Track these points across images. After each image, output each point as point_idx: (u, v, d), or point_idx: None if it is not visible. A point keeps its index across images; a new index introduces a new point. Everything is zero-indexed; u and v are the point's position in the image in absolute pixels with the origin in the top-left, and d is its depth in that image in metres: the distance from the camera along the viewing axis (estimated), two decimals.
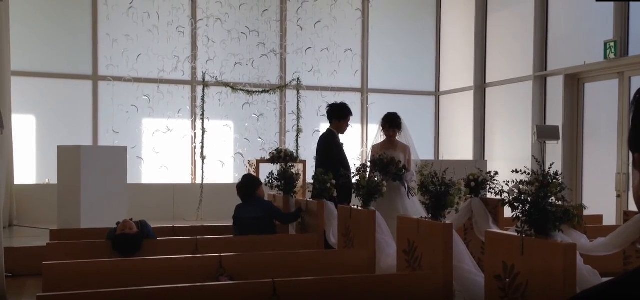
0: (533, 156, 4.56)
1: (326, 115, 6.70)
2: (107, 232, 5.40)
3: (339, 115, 6.54)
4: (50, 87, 9.83)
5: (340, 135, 6.62)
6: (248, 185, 6.11)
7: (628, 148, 1.04)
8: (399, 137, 6.44)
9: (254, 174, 8.08)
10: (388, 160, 6.03)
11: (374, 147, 6.48)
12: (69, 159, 7.50)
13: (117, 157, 7.73)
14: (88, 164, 7.37)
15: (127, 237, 5.10)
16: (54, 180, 8.47)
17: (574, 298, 0.95)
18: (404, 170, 6.11)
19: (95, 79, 10.04)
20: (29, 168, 9.76)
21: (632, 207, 6.91)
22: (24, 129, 9.69)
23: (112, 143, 9.80)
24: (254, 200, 6.02)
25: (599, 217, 6.95)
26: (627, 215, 4.90)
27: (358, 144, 11.32)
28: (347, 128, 6.67)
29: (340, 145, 6.59)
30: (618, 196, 8.02)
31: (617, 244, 4.33)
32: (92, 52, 10.01)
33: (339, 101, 6.87)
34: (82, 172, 7.30)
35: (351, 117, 6.70)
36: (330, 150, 6.47)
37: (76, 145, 7.78)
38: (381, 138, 6.47)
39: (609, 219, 7.45)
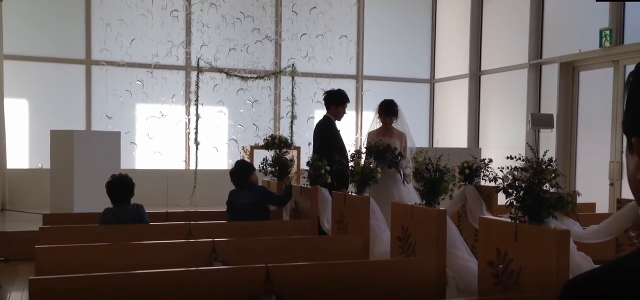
0: (527, 144, 4.56)
1: (323, 101, 6.69)
2: (100, 217, 5.39)
3: (336, 101, 6.53)
4: (43, 71, 9.75)
5: (337, 122, 6.62)
6: (241, 171, 6.09)
7: (622, 131, 1.02)
8: (395, 124, 6.42)
9: (247, 160, 8.04)
10: (384, 147, 6.03)
11: (370, 134, 6.47)
12: (62, 143, 7.46)
13: (111, 142, 7.70)
14: (81, 148, 7.34)
15: (123, 177, 5.17)
16: (46, 164, 8.42)
17: (567, 283, 0.95)
18: (399, 157, 6.10)
19: (88, 63, 9.97)
20: (21, 152, 9.71)
21: (625, 195, 6.95)
22: (17, 113, 9.62)
23: (106, 128, 9.75)
24: (248, 186, 6.00)
25: (592, 205, 6.97)
26: (620, 203, 4.91)
27: (353, 131, 11.31)
28: (344, 115, 6.67)
29: (337, 132, 6.59)
30: (611, 184, 8.04)
31: (610, 231, 4.35)
32: (85, 37, 9.93)
33: (335, 88, 6.86)
34: (75, 156, 7.27)
35: (348, 104, 6.71)
36: (327, 136, 6.46)
37: (69, 130, 7.74)
38: (377, 125, 6.46)
39: (602, 207, 7.48)
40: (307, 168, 6.21)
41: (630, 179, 1.02)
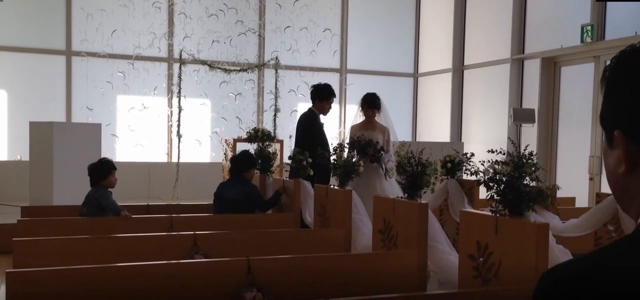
0: (509, 138, 4.59)
1: (310, 95, 6.66)
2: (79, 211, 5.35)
3: (322, 96, 6.50)
4: (23, 62, 9.61)
5: (321, 116, 6.59)
6: (240, 161, 6.00)
7: (601, 126, 1.01)
8: (378, 118, 6.42)
9: (253, 155, 7.66)
10: (366, 142, 6.02)
11: (353, 128, 6.46)
12: (41, 135, 7.36)
13: (91, 134, 7.62)
14: (61, 140, 7.25)
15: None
16: (25, 156, 8.31)
17: (546, 273, 0.94)
18: (382, 152, 6.10)
19: (68, 54, 9.84)
20: (0, 144, 9.56)
21: (604, 189, 7.02)
22: None
23: (86, 120, 9.64)
24: (239, 180, 5.92)
25: (572, 199, 7.05)
26: (599, 197, 4.97)
27: (336, 124, 11.30)
28: (329, 110, 6.65)
29: (320, 126, 6.56)
30: (591, 179, 8.14)
31: (589, 225, 4.40)
32: (66, 27, 9.79)
33: (322, 82, 6.82)
34: (54, 148, 7.18)
35: (334, 100, 6.68)
36: (310, 129, 6.44)
37: (48, 122, 7.64)
38: (360, 118, 6.46)
39: (582, 202, 7.57)
40: (290, 162, 6.18)
41: (610, 174, 0.99)
